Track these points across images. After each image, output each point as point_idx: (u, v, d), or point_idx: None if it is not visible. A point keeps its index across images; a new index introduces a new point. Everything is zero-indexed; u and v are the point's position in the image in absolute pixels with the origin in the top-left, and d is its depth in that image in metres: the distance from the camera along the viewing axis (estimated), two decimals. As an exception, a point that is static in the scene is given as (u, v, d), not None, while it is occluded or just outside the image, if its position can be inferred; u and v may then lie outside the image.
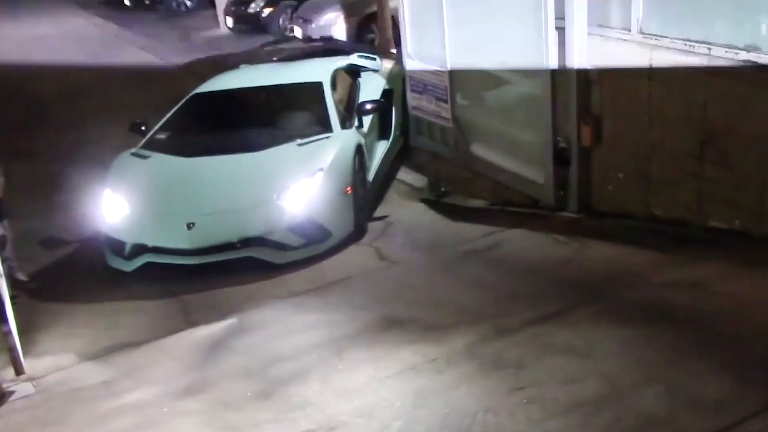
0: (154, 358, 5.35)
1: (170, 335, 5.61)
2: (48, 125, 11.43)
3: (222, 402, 4.73)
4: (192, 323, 5.74)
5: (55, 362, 5.43)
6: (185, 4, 19.12)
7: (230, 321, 5.70)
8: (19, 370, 5.25)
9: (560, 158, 6.43)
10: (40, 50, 17.27)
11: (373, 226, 7.01)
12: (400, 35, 8.25)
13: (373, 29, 12.96)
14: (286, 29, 15.06)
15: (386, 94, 8.30)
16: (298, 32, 14.17)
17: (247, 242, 6.35)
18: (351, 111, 7.66)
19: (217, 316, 5.78)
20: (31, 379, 5.25)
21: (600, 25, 6.08)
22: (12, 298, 5.69)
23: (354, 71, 8.54)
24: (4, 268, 6.10)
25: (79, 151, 9.96)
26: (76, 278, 6.74)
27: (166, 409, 4.74)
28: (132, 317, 5.94)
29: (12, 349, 5.22)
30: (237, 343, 5.39)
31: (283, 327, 5.53)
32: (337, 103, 7.53)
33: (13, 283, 6.37)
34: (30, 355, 5.48)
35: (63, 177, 9.05)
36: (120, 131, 8.21)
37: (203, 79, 8.71)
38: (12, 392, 5.09)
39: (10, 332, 5.18)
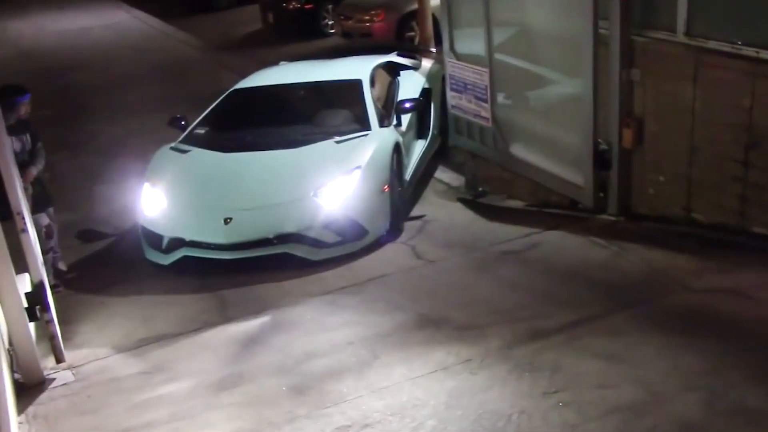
0: (190, 352, 5.40)
1: (206, 329, 5.66)
2: (90, 116, 11.60)
3: (256, 396, 4.77)
4: (228, 318, 5.78)
5: (94, 352, 5.52)
6: None
7: (265, 317, 5.73)
8: (59, 359, 5.35)
9: (601, 160, 6.36)
10: (83, 42, 17.54)
11: (409, 225, 7.00)
12: (440, 33, 8.21)
13: (414, 27, 12.92)
14: (326, 26, 15.09)
15: (425, 93, 8.27)
16: (338, 29, 14.20)
17: (283, 238, 6.36)
18: (389, 109, 7.64)
19: (252, 311, 5.82)
20: (70, 367, 5.34)
21: (644, 26, 6.00)
22: (52, 287, 5.80)
23: (393, 69, 8.52)
24: (47, 258, 6.24)
25: (120, 143, 10.10)
26: (114, 270, 6.82)
27: (201, 402, 4.79)
28: (169, 310, 5.99)
29: (53, 338, 5.31)
30: (272, 338, 5.43)
31: (317, 324, 5.55)
32: (375, 101, 7.52)
33: (54, 272, 6.49)
34: (70, 344, 5.57)
35: (104, 168, 9.19)
36: (160, 124, 8.28)
37: (240, 75, 8.76)
38: (53, 379, 5.19)
39: (52, 320, 5.27)
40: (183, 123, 7.69)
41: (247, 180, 6.75)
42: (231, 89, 8.11)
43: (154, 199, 6.75)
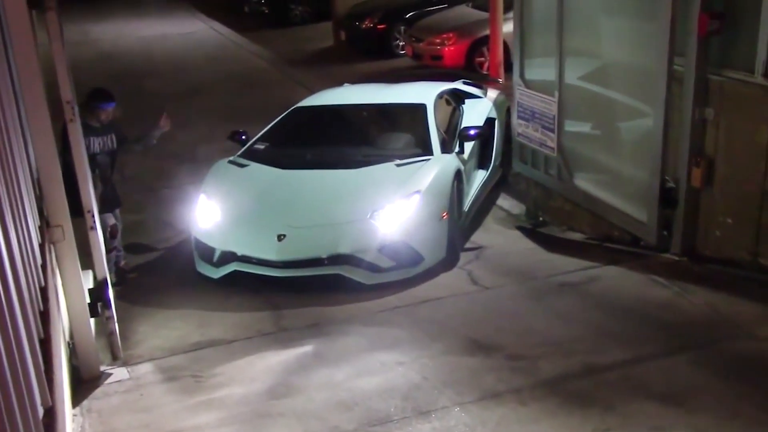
0: (243, 359, 5.45)
1: (260, 337, 5.72)
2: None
3: (305, 408, 4.80)
4: (282, 328, 5.84)
5: (149, 352, 5.62)
6: (301, 14, 19.56)
7: (318, 329, 5.77)
8: (116, 355, 5.47)
9: (667, 198, 6.26)
10: (160, 48, 18.03)
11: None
12: (510, 60, 8.20)
13: (484, 52, 12.93)
14: (397, 47, 15.20)
15: (489, 122, 8.21)
16: (409, 51, 14.28)
17: (335, 259, 6.27)
18: (452, 136, 7.56)
19: (306, 323, 5.87)
20: (126, 364, 5.45)
21: (721, 65, 5.90)
22: (113, 285, 5.94)
23: (458, 97, 8.48)
24: (110, 257, 6.41)
25: (189, 149, 10.32)
26: (172, 276, 6.90)
27: (250, 409, 4.84)
28: (224, 317, 6.06)
29: (111, 334, 5.44)
30: (324, 351, 5.46)
31: (369, 341, 5.56)
32: (439, 127, 7.44)
33: (116, 271, 6.65)
34: (126, 342, 5.68)
35: (174, 173, 9.40)
36: (228, 133, 8.42)
37: (310, 90, 8.84)
38: (108, 375, 5.30)
39: (112, 317, 5.40)
40: (243, 137, 7.70)
41: (303, 198, 6.69)
42: (293, 107, 8.10)
43: (208, 212, 6.72)
